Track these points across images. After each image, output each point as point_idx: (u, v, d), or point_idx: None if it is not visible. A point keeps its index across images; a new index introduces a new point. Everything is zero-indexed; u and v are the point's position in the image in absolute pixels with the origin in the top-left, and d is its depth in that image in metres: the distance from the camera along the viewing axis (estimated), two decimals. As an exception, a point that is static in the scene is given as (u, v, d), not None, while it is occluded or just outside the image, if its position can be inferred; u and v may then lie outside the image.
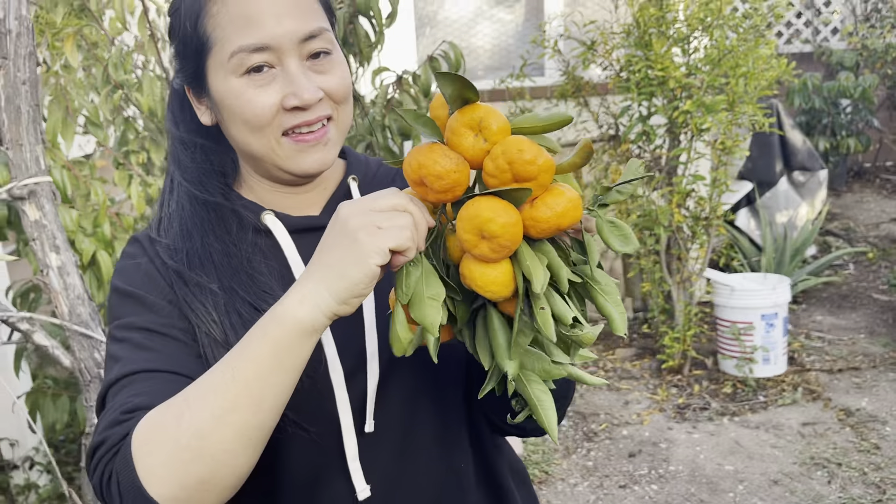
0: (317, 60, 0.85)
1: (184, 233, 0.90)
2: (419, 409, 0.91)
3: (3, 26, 1.85)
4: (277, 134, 0.85)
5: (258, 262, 0.88)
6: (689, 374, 3.75)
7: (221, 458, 0.69)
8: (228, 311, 0.84)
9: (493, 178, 0.66)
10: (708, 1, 3.24)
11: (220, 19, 0.84)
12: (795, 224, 5.05)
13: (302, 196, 0.93)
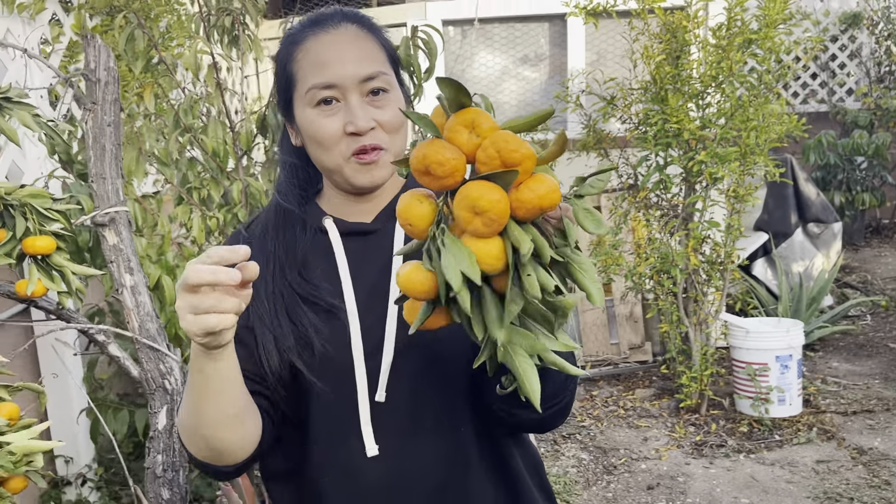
0: (375, 97, 1.08)
1: (263, 231, 1.15)
2: (426, 388, 1.08)
3: (94, 76, 2.12)
4: (347, 154, 1.08)
5: (310, 259, 1.12)
6: (707, 414, 3.88)
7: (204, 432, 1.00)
8: (274, 293, 1.08)
9: (484, 165, 0.78)
10: (719, 60, 3.49)
11: (302, 63, 1.09)
12: (811, 274, 5.20)
13: (362, 205, 1.15)
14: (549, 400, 0.97)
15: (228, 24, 2.68)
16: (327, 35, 1.09)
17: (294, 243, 1.13)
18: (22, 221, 1.66)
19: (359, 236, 1.13)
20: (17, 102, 1.71)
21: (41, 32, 2.81)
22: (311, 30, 1.10)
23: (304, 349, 1.06)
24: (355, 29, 1.10)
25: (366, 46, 1.09)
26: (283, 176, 1.18)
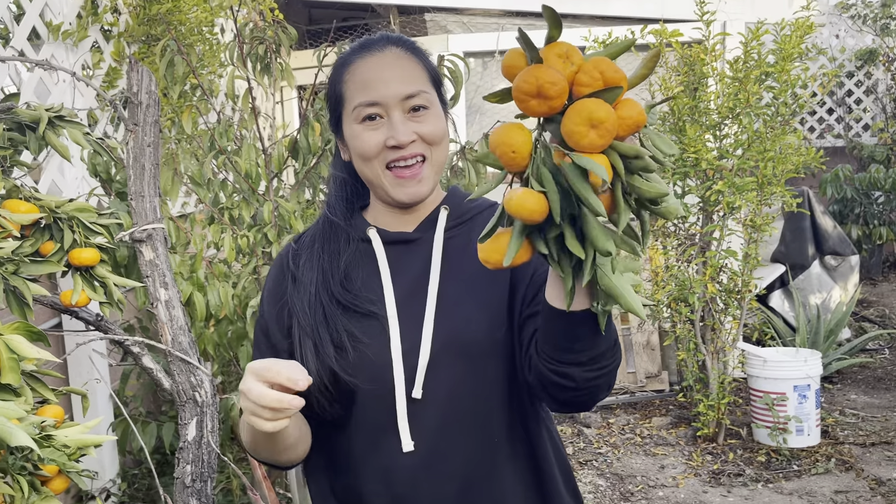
0: (416, 113, 1.15)
1: (311, 240, 1.24)
2: (462, 386, 1.13)
3: (136, 98, 2.21)
4: (382, 166, 1.15)
5: (353, 269, 1.20)
6: (724, 443, 3.88)
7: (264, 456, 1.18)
8: (315, 303, 1.17)
9: (586, 87, 0.82)
10: (736, 92, 3.56)
11: (350, 84, 1.18)
12: (829, 307, 5.20)
13: (405, 216, 1.22)
14: (601, 360, 0.99)
15: (262, 52, 2.78)
16: (373, 57, 1.17)
17: (338, 254, 1.20)
18: (69, 234, 1.73)
19: (400, 244, 1.21)
20: (69, 121, 1.80)
21: (83, 58, 2.93)
22: (358, 53, 1.19)
23: (341, 354, 1.13)
24: (399, 51, 1.18)
25: (408, 67, 1.17)
26: (333, 189, 1.27)
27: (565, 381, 1.00)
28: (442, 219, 1.22)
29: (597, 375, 1.00)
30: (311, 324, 1.15)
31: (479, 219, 1.24)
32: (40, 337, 1.39)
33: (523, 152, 0.83)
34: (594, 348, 0.97)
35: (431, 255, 1.18)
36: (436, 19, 5.22)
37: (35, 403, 1.49)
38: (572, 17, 5.20)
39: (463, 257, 1.18)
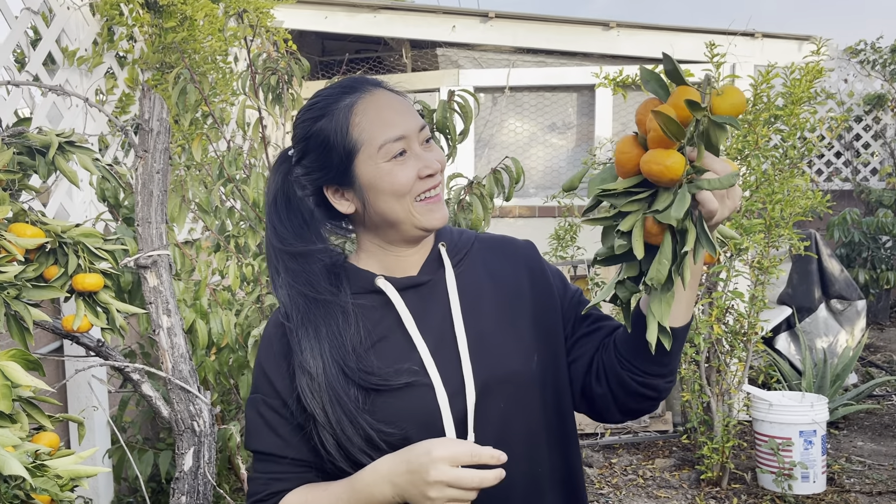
0: (427, 144, 1.16)
1: (301, 323, 1.14)
2: (508, 421, 1.13)
3: (147, 125, 2.22)
4: (413, 200, 1.13)
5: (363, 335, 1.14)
6: (728, 487, 3.81)
7: None
8: (330, 398, 1.10)
9: None
10: (745, 134, 3.57)
11: (364, 126, 1.13)
12: (835, 351, 5.15)
13: (406, 258, 1.19)
14: (675, 371, 1.15)
15: (274, 83, 2.81)
16: (374, 97, 1.14)
17: (340, 335, 1.13)
18: (74, 258, 1.73)
19: (413, 290, 1.17)
20: (79, 147, 1.81)
21: (97, 84, 2.96)
22: (355, 96, 1.14)
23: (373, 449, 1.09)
24: (384, 90, 1.18)
25: (404, 102, 1.18)
26: (309, 268, 1.16)
27: (649, 391, 1.13)
28: (446, 257, 1.21)
29: (669, 386, 1.14)
30: (330, 419, 1.09)
31: (474, 253, 1.24)
32: (36, 366, 1.38)
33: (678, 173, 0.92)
34: (676, 361, 1.12)
35: (448, 296, 1.17)
36: (447, 54, 5.27)
37: (31, 430, 1.47)
38: (582, 56, 5.25)
39: (478, 293, 1.18)
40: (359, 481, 1.06)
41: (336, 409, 1.08)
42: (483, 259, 1.24)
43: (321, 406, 1.09)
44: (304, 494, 1.12)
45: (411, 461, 1.00)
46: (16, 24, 2.49)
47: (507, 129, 5.33)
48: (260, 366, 1.18)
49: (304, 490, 1.13)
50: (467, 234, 1.27)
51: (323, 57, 6.49)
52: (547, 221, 4.98)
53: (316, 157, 1.15)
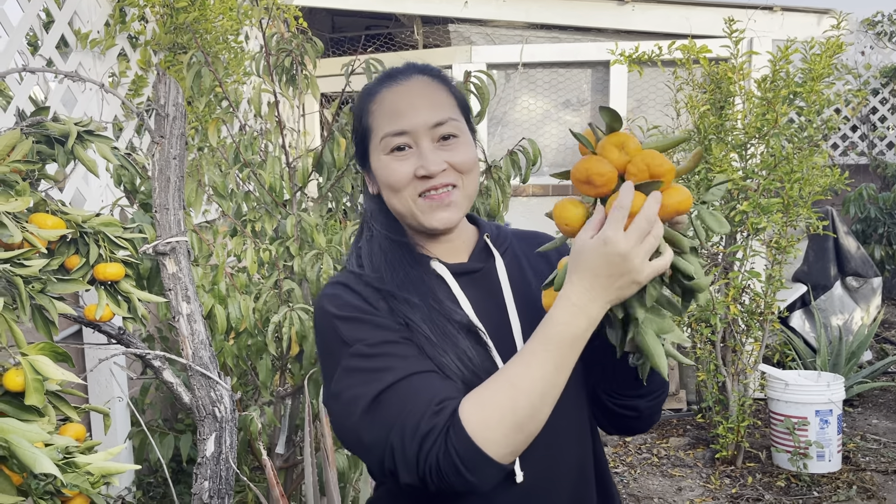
0: (446, 142, 1.12)
1: (388, 264, 1.15)
2: (562, 408, 1.09)
3: (163, 111, 2.20)
4: (414, 196, 1.12)
5: (437, 290, 1.14)
6: (743, 466, 3.82)
7: (542, 419, 0.99)
8: (429, 319, 1.09)
9: (633, 176, 0.94)
10: (765, 112, 3.52)
11: (376, 115, 1.15)
12: (850, 328, 5.13)
13: (448, 245, 1.19)
14: (658, 389, 1.12)
15: (288, 64, 2.78)
16: (399, 86, 1.15)
17: (426, 275, 1.15)
18: (95, 248, 1.73)
19: (466, 276, 1.17)
20: (97, 135, 1.80)
21: (110, 66, 2.94)
22: (384, 83, 1.16)
23: (468, 374, 1.07)
24: (426, 79, 1.16)
25: (436, 95, 1.15)
26: (381, 217, 1.20)
27: (631, 412, 1.13)
28: (493, 248, 1.22)
29: (654, 404, 1.13)
30: (439, 340, 1.08)
31: (514, 245, 1.26)
32: (65, 357, 1.38)
33: (574, 225, 0.98)
34: (653, 383, 1.09)
35: (500, 285, 1.18)
36: (459, 30, 5.21)
37: (57, 421, 1.48)
38: (596, 31, 5.18)
39: (524, 282, 1.20)
40: (554, 328, 0.96)
41: (435, 328, 1.08)
42: (523, 251, 1.25)
43: (422, 323, 1.08)
44: (482, 389, 1.00)
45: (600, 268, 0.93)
46: (28, 6, 2.47)
47: (521, 106, 5.28)
48: (348, 317, 1.09)
49: (479, 387, 1.00)
50: (503, 228, 1.28)
51: (333, 34, 6.42)
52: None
53: (352, 135, 1.24)
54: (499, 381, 0.98)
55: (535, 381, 0.96)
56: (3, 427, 1.18)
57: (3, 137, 1.60)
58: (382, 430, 1.00)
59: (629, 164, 0.94)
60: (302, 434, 2.88)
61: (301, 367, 2.60)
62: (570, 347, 0.96)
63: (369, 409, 1.02)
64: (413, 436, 0.97)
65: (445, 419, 0.97)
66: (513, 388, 0.96)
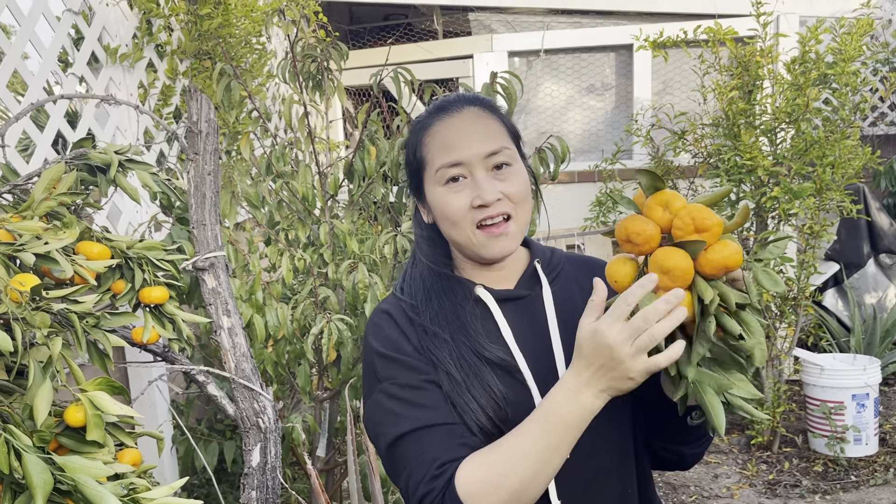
0: (500, 171, 1.14)
1: (426, 294, 1.19)
2: (604, 441, 1.13)
3: (196, 127, 2.22)
4: (472, 227, 1.14)
5: (477, 321, 1.16)
6: (779, 451, 3.82)
7: (536, 493, 1.01)
8: (459, 356, 1.12)
9: (680, 230, 0.95)
10: (795, 97, 3.47)
11: (431, 147, 1.17)
12: (885, 306, 5.07)
13: (498, 273, 1.22)
14: (703, 437, 1.12)
15: (313, 70, 2.79)
16: (452, 119, 1.17)
17: (461, 306, 1.17)
18: (139, 273, 1.76)
19: (511, 302, 1.19)
20: (137, 163, 1.82)
21: (138, 78, 2.97)
22: (436, 116, 1.19)
23: (497, 411, 1.11)
24: (477, 110, 1.18)
25: (488, 125, 1.17)
26: (426, 246, 1.24)
27: (675, 457, 1.15)
28: (542, 274, 1.24)
29: (700, 451, 1.14)
30: (465, 378, 1.11)
31: (567, 271, 1.27)
32: (121, 391, 1.42)
33: (624, 282, 0.98)
34: (700, 428, 1.10)
35: (546, 312, 1.18)
36: (479, 18, 5.17)
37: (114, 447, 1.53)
38: (620, 14, 5.11)
39: (572, 310, 1.20)
40: (549, 407, 1.00)
41: (465, 366, 1.11)
42: (575, 277, 1.26)
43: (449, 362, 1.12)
44: (479, 456, 1.04)
45: (589, 356, 0.96)
46: (59, 26, 2.50)
47: (544, 93, 5.24)
48: (385, 354, 1.15)
49: (478, 453, 1.05)
50: (558, 252, 1.29)
51: (352, 25, 6.40)
52: (586, 187, 4.92)
53: (405, 165, 1.26)
54: (495, 452, 1.03)
55: (527, 458, 0.99)
56: (69, 465, 1.22)
57: (49, 171, 1.63)
58: (396, 472, 1.10)
59: (675, 218, 0.95)
60: (340, 437, 2.93)
61: (339, 372, 2.64)
62: (564, 429, 0.99)
63: (388, 449, 1.11)
64: (413, 493, 1.05)
65: (443, 484, 1.03)
66: (506, 463, 1.01)
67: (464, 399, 1.09)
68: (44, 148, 2.40)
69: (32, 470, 1.15)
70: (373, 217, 2.88)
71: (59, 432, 1.35)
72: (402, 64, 2.67)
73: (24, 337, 1.28)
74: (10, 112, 2.37)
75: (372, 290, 2.44)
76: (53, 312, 1.38)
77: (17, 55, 2.26)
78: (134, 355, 2.86)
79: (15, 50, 2.25)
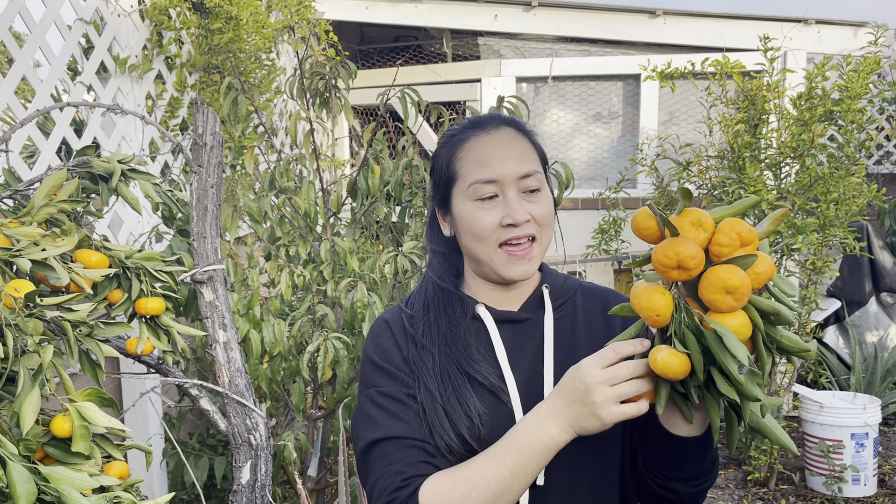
0: (530, 194, 1.15)
1: (424, 307, 1.21)
2: (582, 471, 1.13)
3: (201, 140, 2.23)
4: (495, 246, 1.15)
5: (470, 339, 1.17)
6: (776, 488, 3.77)
7: None
8: (441, 369, 1.13)
9: (726, 247, 0.90)
10: (800, 132, 3.47)
11: (465, 161, 1.18)
12: (886, 345, 5.04)
13: (506, 294, 1.22)
14: (702, 476, 1.08)
15: (321, 88, 2.80)
16: (489, 136, 1.18)
17: (456, 322, 1.19)
18: (137, 283, 1.75)
19: (510, 324, 1.19)
20: (140, 172, 1.82)
21: (147, 89, 2.98)
22: (472, 131, 1.19)
23: (472, 426, 1.11)
24: (513, 132, 1.19)
25: (522, 147, 1.18)
26: (437, 262, 1.26)
27: (669, 494, 1.10)
28: (548, 299, 1.23)
29: (697, 491, 1.09)
30: (441, 391, 1.12)
31: (577, 299, 1.26)
32: (110, 402, 1.40)
33: (666, 315, 0.92)
34: (699, 467, 1.05)
35: (543, 337, 1.18)
36: (489, 43, 5.20)
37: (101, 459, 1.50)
38: (628, 44, 5.14)
39: (573, 340, 1.19)
40: (516, 433, 1.01)
41: (446, 382, 1.12)
42: (584, 307, 1.25)
43: (431, 375, 1.13)
44: (445, 474, 1.06)
45: (566, 389, 0.98)
46: (69, 34, 2.51)
47: (550, 119, 5.26)
48: (375, 363, 1.19)
49: (445, 471, 1.07)
50: (572, 280, 1.29)
51: (362, 45, 6.45)
52: (590, 214, 4.92)
53: (433, 176, 1.26)
54: (460, 472, 1.04)
55: (489, 482, 1.00)
56: (54, 476, 1.20)
57: (50, 178, 1.63)
58: (366, 475, 1.13)
59: (715, 235, 0.90)
60: (333, 457, 2.90)
61: (333, 391, 2.62)
62: (528, 455, 0.98)
63: (362, 452, 1.14)
64: (377, 500, 1.07)
65: (406, 496, 1.05)
66: (468, 484, 1.01)
67: (437, 414, 1.10)
68: (48, 155, 2.40)
69: (17, 479, 1.12)
70: (375, 236, 2.88)
71: (46, 442, 1.33)
72: (411, 85, 2.67)
73: (15, 343, 1.26)
74: (16, 118, 2.38)
75: (370, 309, 2.42)
76: (47, 320, 1.37)
77: (27, 62, 2.26)
78: (128, 366, 2.84)
79: (25, 57, 2.26)
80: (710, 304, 0.89)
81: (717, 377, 0.89)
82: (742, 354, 0.84)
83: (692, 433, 1.01)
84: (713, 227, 0.91)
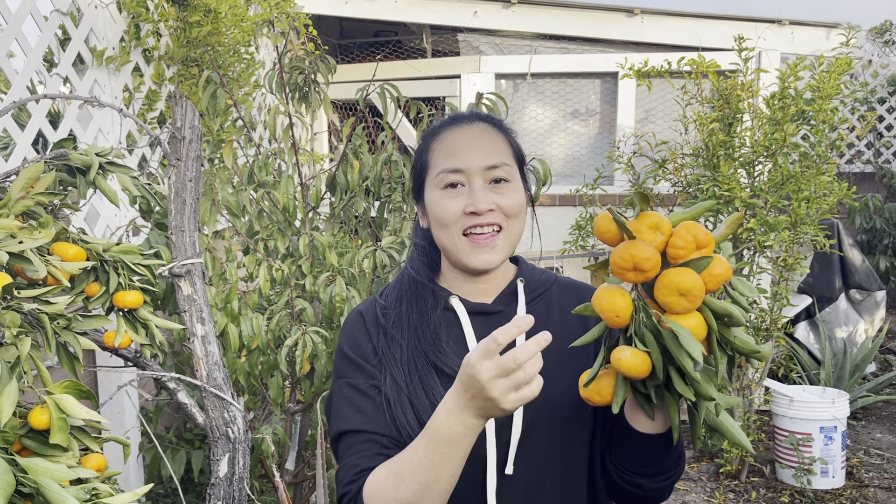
0: (497, 185, 1.18)
1: (398, 299, 1.24)
2: (550, 462, 1.16)
3: (179, 133, 2.22)
4: (459, 233, 1.18)
5: (441, 330, 1.19)
6: (747, 481, 3.85)
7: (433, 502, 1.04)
8: (409, 360, 1.16)
9: (682, 249, 0.92)
10: (773, 131, 3.53)
11: (436, 152, 1.22)
12: (854, 340, 5.15)
13: (480, 286, 1.24)
14: (667, 471, 1.10)
15: (300, 82, 2.80)
16: (461, 129, 1.22)
17: (427, 314, 1.21)
18: (115, 277, 1.75)
19: (483, 316, 1.22)
20: (118, 166, 1.82)
21: (124, 81, 2.96)
22: (448, 125, 1.24)
23: None
24: (486, 126, 1.23)
25: (493, 140, 1.21)
26: (415, 254, 1.30)
27: (634, 489, 1.11)
28: (521, 292, 1.25)
29: (662, 486, 1.10)
30: (407, 381, 1.15)
31: (552, 293, 1.28)
32: (88, 395, 1.40)
33: (625, 316, 0.93)
34: (662, 463, 1.07)
35: None
36: (468, 40, 5.22)
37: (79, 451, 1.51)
38: (606, 42, 5.18)
39: None
40: (433, 424, 1.02)
41: (413, 372, 1.15)
42: (559, 301, 1.27)
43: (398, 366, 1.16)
44: (385, 465, 1.09)
45: (465, 384, 0.97)
46: (46, 26, 2.49)
47: (529, 115, 5.29)
48: (346, 354, 1.23)
49: (382, 465, 1.10)
50: (548, 275, 1.31)
51: (341, 40, 6.43)
52: (567, 210, 4.96)
53: (411, 168, 1.31)
54: (392, 464, 1.07)
55: (415, 474, 1.02)
56: (32, 468, 1.20)
57: (27, 171, 1.62)
58: (336, 462, 1.19)
59: (672, 238, 0.93)
60: (310, 450, 2.91)
61: (311, 385, 2.63)
62: (446, 445, 1.00)
63: (332, 442, 1.21)
64: (337, 489, 1.14)
65: (356, 490, 1.11)
66: (398, 476, 1.04)
67: (401, 404, 1.13)
68: (24, 147, 2.38)
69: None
70: (353, 231, 2.89)
71: (24, 434, 1.34)
72: (390, 80, 2.69)
73: (-7, 336, 1.26)
74: (-9, 109, 2.35)
75: (349, 303, 2.43)
76: (24, 312, 1.37)
77: (2, 53, 2.24)
78: (104, 359, 2.83)
79: (0, 48, 2.24)
80: (665, 306, 0.92)
81: (674, 377, 0.92)
82: (696, 352, 0.86)
83: (655, 430, 1.04)
84: (670, 230, 0.93)
